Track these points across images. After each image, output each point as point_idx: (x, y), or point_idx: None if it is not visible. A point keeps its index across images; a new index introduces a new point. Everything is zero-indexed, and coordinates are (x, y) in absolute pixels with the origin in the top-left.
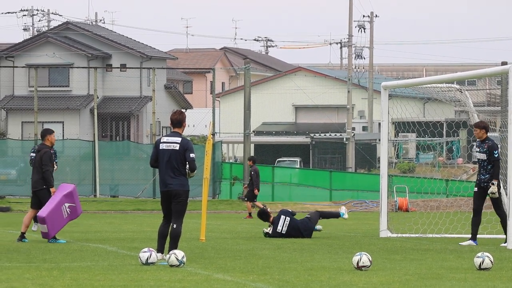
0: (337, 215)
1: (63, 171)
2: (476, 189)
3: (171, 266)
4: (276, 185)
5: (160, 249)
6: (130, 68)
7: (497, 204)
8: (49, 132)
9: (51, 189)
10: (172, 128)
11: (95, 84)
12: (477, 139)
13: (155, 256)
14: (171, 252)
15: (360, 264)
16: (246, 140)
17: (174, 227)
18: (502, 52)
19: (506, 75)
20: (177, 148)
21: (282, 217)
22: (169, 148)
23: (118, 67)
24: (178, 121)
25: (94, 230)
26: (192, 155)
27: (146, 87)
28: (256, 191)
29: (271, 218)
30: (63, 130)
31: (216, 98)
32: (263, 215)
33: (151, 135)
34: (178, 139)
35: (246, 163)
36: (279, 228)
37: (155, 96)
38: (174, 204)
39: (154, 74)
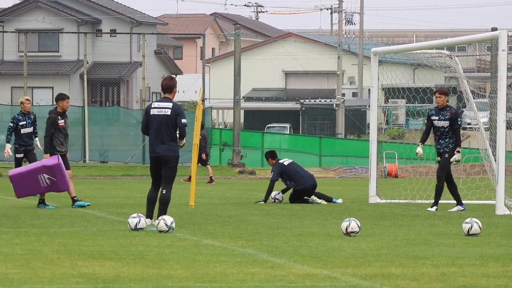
0: (330, 199)
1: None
2: (438, 158)
3: (160, 231)
4: (266, 151)
5: (149, 215)
6: (120, 33)
7: (443, 167)
8: (61, 97)
9: (45, 155)
10: (162, 94)
11: (85, 49)
12: (435, 107)
13: (144, 221)
14: (160, 217)
15: (349, 230)
16: (236, 106)
17: (164, 192)
18: (492, 17)
19: (496, 41)
20: (169, 113)
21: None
22: (161, 113)
23: (108, 33)
24: (168, 87)
25: (84, 195)
26: (184, 120)
27: (136, 53)
28: (203, 155)
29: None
30: (52, 95)
31: (206, 64)
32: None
33: (141, 100)
34: (170, 104)
35: (237, 129)
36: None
37: (145, 61)
38: (163, 169)
39: (144, 40)
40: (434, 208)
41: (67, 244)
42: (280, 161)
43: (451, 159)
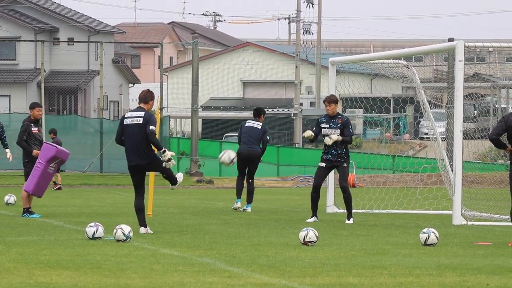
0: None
1: (10, 145)
2: (324, 164)
3: (118, 240)
4: None
5: (142, 224)
6: (77, 42)
7: (346, 177)
8: (32, 106)
9: (34, 152)
10: (138, 103)
11: (42, 57)
12: (325, 115)
13: (101, 230)
14: (117, 226)
15: (307, 239)
16: (194, 115)
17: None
18: (449, 28)
19: (453, 52)
20: (141, 121)
21: None
22: (133, 122)
23: (65, 41)
24: (144, 97)
25: (41, 204)
26: (151, 127)
27: (94, 61)
28: None
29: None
30: (9, 103)
31: (164, 73)
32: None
33: (98, 109)
34: (142, 113)
35: (194, 138)
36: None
37: (103, 70)
38: (143, 178)
39: (101, 48)
40: (351, 221)
41: (24, 253)
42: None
43: (327, 138)
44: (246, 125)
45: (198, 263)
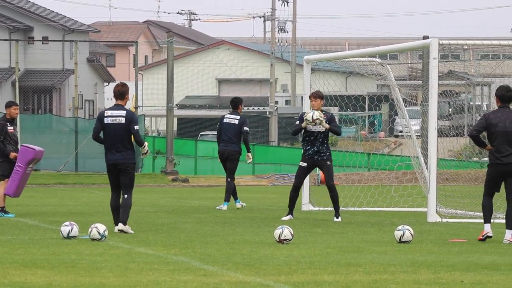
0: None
1: None
2: (305, 164)
3: (93, 239)
4: (199, 158)
5: (116, 222)
6: (52, 40)
7: (332, 175)
8: (8, 104)
9: (11, 154)
10: (115, 100)
11: (17, 57)
12: (310, 111)
13: (76, 229)
14: (92, 225)
15: (282, 237)
16: (169, 113)
17: (125, 197)
18: (424, 26)
19: (428, 49)
20: (123, 121)
21: None
22: (115, 122)
23: (40, 40)
24: (121, 93)
25: (15, 203)
26: (136, 127)
27: (69, 60)
28: None
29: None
30: None
31: (139, 72)
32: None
33: (73, 108)
34: (123, 112)
35: (170, 137)
36: None
37: (78, 69)
38: (122, 177)
39: (76, 47)
40: (339, 219)
41: None
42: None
43: (309, 118)
44: (224, 121)
45: (173, 262)
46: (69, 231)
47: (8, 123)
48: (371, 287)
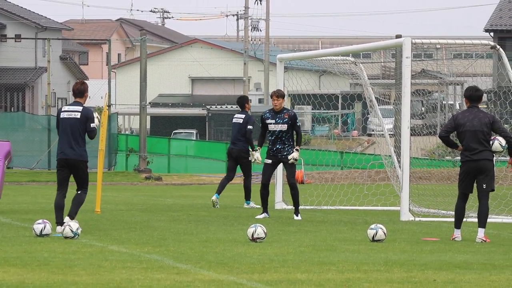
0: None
1: None
2: (270, 161)
3: (66, 237)
4: (172, 157)
5: (59, 221)
6: (24, 38)
7: (294, 174)
8: None
9: None
10: (74, 98)
11: None
12: (271, 109)
13: (49, 227)
14: (65, 224)
15: (255, 236)
16: (142, 111)
17: (78, 192)
18: (397, 25)
19: (401, 48)
20: (78, 116)
21: None
22: (70, 116)
23: (12, 38)
24: (80, 91)
25: None
26: (92, 124)
27: (41, 58)
28: None
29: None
30: None
31: (112, 70)
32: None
33: (46, 106)
34: (79, 108)
35: (143, 135)
36: None
37: (50, 67)
38: (75, 175)
39: (49, 45)
40: (299, 217)
41: None
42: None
43: (290, 157)
44: (233, 120)
45: (146, 260)
46: (42, 229)
47: None
48: (344, 286)
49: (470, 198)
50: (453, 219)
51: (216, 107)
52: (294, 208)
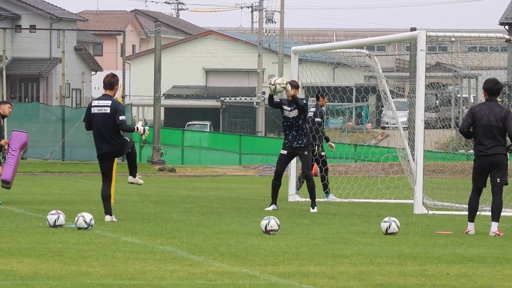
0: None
1: None
2: (285, 152)
3: (79, 228)
4: (186, 148)
5: (108, 211)
6: (39, 29)
7: (308, 165)
8: (3, 102)
9: (2, 141)
10: (104, 90)
11: (4, 45)
12: (286, 98)
13: (62, 218)
14: (79, 214)
15: (268, 228)
16: (156, 103)
17: (132, 151)
18: (412, 18)
19: (415, 41)
20: (108, 111)
21: None
22: (100, 112)
23: (27, 28)
24: (110, 83)
25: (2, 192)
26: (121, 117)
27: (56, 49)
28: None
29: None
30: None
31: (127, 61)
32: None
33: (60, 97)
34: (109, 102)
35: (157, 126)
36: None
37: (65, 58)
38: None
39: (64, 36)
40: (315, 209)
41: None
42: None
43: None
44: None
45: (160, 251)
46: (55, 220)
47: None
48: (357, 279)
49: (483, 192)
50: (466, 213)
51: (230, 99)
52: (310, 200)
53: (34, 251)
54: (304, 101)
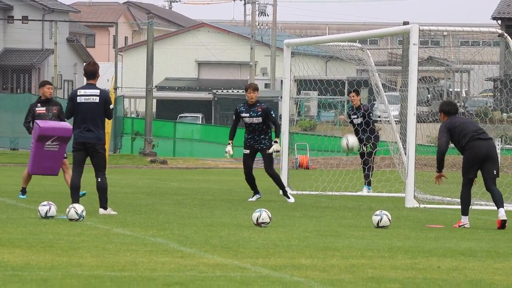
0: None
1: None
2: (248, 151)
3: (70, 220)
4: (178, 140)
5: (76, 201)
6: (32, 20)
7: (271, 164)
8: (41, 84)
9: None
10: (86, 79)
11: None
12: (245, 102)
13: (54, 209)
14: (70, 206)
15: (260, 220)
16: (148, 95)
17: (99, 180)
18: (404, 12)
19: (408, 35)
20: (97, 100)
21: None
22: (89, 101)
23: (20, 19)
24: (92, 73)
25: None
26: (111, 106)
27: (48, 40)
28: None
29: None
30: None
31: (119, 53)
32: None
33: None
34: (97, 91)
35: (149, 118)
36: None
37: (57, 49)
38: (93, 158)
39: (56, 27)
40: (292, 199)
41: None
42: None
43: (270, 150)
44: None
45: (151, 243)
46: (47, 211)
47: (39, 104)
48: (349, 271)
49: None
50: (457, 206)
51: (222, 91)
52: (282, 193)
53: (25, 242)
54: (273, 114)
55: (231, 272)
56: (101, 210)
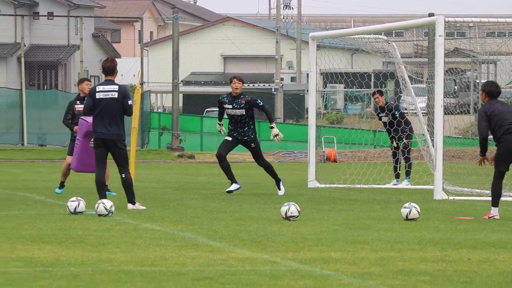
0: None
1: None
2: (230, 138)
3: (100, 215)
4: (204, 135)
5: (104, 197)
6: (57, 16)
7: (260, 156)
8: (80, 80)
9: (75, 129)
10: (105, 76)
11: (22, 32)
12: (229, 93)
13: (83, 205)
14: (99, 201)
15: (289, 214)
16: (175, 90)
17: (123, 176)
18: (430, 3)
19: (433, 27)
20: (116, 96)
21: None
22: (107, 96)
23: (45, 15)
24: (110, 69)
25: (22, 179)
26: (130, 101)
27: (74, 36)
28: None
29: None
30: None
31: (145, 48)
32: None
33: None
34: (115, 87)
35: (175, 113)
36: None
37: (83, 45)
38: (114, 154)
39: (81, 23)
40: (282, 190)
41: (5, 228)
42: None
43: (272, 137)
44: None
45: (180, 238)
46: (75, 207)
47: (78, 101)
48: (378, 264)
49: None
50: (486, 198)
51: (248, 85)
52: (275, 183)
53: (55, 238)
54: (259, 102)
55: (260, 266)
56: (130, 205)
